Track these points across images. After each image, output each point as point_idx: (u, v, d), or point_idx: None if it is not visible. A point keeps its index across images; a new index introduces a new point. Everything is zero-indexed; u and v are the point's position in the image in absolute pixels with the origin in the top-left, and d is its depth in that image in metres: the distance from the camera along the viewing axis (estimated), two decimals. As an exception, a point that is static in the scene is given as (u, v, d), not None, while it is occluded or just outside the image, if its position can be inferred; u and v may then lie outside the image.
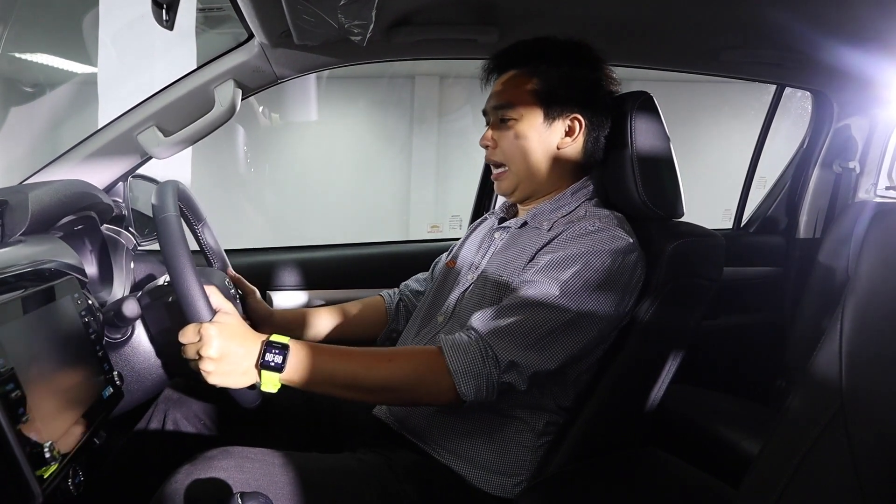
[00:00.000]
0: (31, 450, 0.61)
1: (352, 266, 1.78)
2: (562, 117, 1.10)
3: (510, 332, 0.92)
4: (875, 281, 0.69)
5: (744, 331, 2.04)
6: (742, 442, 1.42)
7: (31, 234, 0.92)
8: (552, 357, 0.94)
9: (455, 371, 0.89)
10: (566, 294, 0.94)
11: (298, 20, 1.09)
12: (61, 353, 0.76)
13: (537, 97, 1.08)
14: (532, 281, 0.97)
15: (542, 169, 1.11)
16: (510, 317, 0.93)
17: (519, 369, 0.91)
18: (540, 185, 1.13)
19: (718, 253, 1.13)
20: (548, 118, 1.09)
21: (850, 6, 1.25)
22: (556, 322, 0.93)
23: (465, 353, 0.91)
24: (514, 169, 1.12)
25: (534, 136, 1.09)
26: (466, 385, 0.89)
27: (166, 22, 0.91)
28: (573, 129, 1.10)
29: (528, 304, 0.94)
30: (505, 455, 1.02)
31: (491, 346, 0.91)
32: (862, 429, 0.65)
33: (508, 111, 1.10)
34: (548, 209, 1.12)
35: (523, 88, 1.09)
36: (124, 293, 1.27)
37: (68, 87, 4.48)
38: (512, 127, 1.10)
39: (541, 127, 1.09)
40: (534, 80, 1.09)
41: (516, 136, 1.10)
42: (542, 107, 1.08)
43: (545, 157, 1.11)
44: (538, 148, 1.10)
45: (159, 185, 0.96)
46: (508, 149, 1.11)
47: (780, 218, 2.15)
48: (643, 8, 1.30)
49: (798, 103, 2.57)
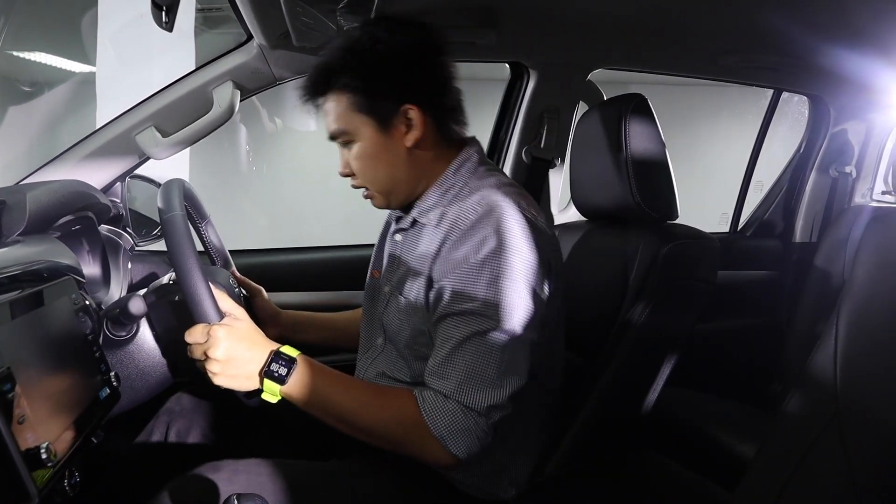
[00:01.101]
0: (28, 451, 0.61)
1: (349, 267, 1.77)
2: (394, 116, 0.98)
3: (470, 380, 0.89)
4: (871, 285, 0.69)
5: (740, 334, 2.04)
6: (737, 445, 1.42)
7: (28, 234, 0.92)
8: (519, 376, 0.91)
9: (441, 436, 0.88)
10: (492, 312, 0.89)
11: (297, 22, 1.10)
12: (58, 353, 0.76)
13: (361, 110, 0.97)
14: (453, 313, 0.92)
15: (404, 174, 1.02)
16: (459, 363, 0.90)
17: (498, 406, 0.89)
18: (409, 188, 1.03)
19: (713, 255, 1.13)
20: (382, 125, 0.98)
21: (847, 12, 1.25)
22: (500, 344, 0.89)
23: (444, 414, 0.89)
24: (376, 187, 1.03)
25: (378, 150, 0.99)
26: (457, 446, 0.88)
27: (166, 24, 0.92)
28: (412, 121, 0.98)
29: (465, 342, 0.90)
30: (495, 461, 1.01)
31: (464, 403, 0.89)
32: (857, 432, 0.65)
33: (343, 136, 1.00)
34: (434, 199, 1.02)
35: (343, 107, 0.98)
36: (122, 293, 1.27)
37: (66, 87, 4.47)
38: (354, 148, 1.00)
39: (380, 137, 0.98)
40: (349, 95, 0.97)
41: (362, 157, 1.00)
42: (371, 117, 0.97)
43: (401, 161, 1.00)
44: (387, 158, 1.00)
45: (164, 183, 0.96)
46: (360, 171, 1.02)
47: (776, 222, 2.16)
48: (642, 12, 1.31)
49: (795, 108, 2.57)
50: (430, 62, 0.99)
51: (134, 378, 0.96)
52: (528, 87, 1.63)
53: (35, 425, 0.64)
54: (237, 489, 0.86)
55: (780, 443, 0.73)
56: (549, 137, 1.67)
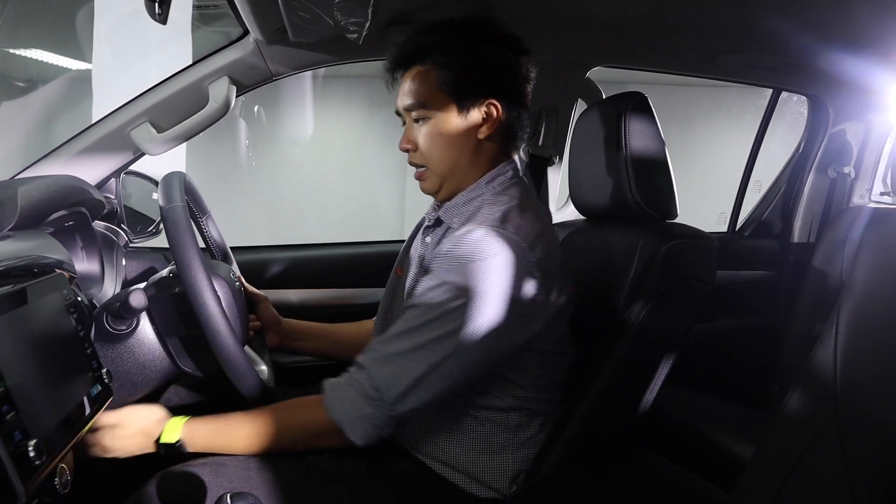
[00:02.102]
0: (16, 449, 0.60)
1: (347, 265, 1.77)
2: (476, 106, 1.01)
3: (391, 363, 0.91)
4: (871, 286, 0.69)
5: (737, 334, 2.04)
6: (734, 446, 1.42)
7: (19, 229, 0.91)
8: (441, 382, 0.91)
9: (338, 421, 0.90)
10: (443, 316, 0.89)
11: (294, 17, 1.09)
12: (48, 350, 0.75)
13: (447, 89, 1.00)
14: (413, 305, 0.94)
15: (464, 163, 1.04)
16: (394, 344, 0.92)
17: (409, 400, 0.90)
18: (464, 179, 1.05)
19: (712, 255, 1.12)
20: (462, 110, 1.01)
21: (847, 13, 1.25)
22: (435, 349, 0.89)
23: (345, 398, 0.91)
24: (436, 168, 1.04)
25: (451, 132, 1.01)
26: (353, 431, 0.91)
27: (159, 16, 0.91)
28: (490, 116, 1.02)
29: (409, 332, 0.91)
30: (484, 457, 1.01)
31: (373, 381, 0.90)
32: (856, 432, 0.65)
33: (420, 110, 1.02)
34: (461, 202, 1.04)
35: (431, 83, 1.01)
36: (116, 290, 1.26)
37: (61, 83, 4.46)
38: (427, 126, 1.02)
39: (456, 120, 1.01)
40: (440, 72, 1.00)
41: (433, 135, 1.02)
42: (454, 99, 1.00)
43: (466, 150, 1.03)
44: (457, 143, 1.02)
45: (165, 176, 0.96)
46: (427, 148, 1.03)
47: (774, 222, 2.16)
48: (641, 9, 1.30)
49: (794, 108, 2.57)
50: (521, 71, 1.04)
51: (134, 372, 0.96)
52: (527, 85, 1.62)
53: (24, 422, 0.63)
54: (224, 483, 0.85)
55: (779, 442, 0.72)
56: (548, 135, 1.66)
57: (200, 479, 0.85)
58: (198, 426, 0.93)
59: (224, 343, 0.88)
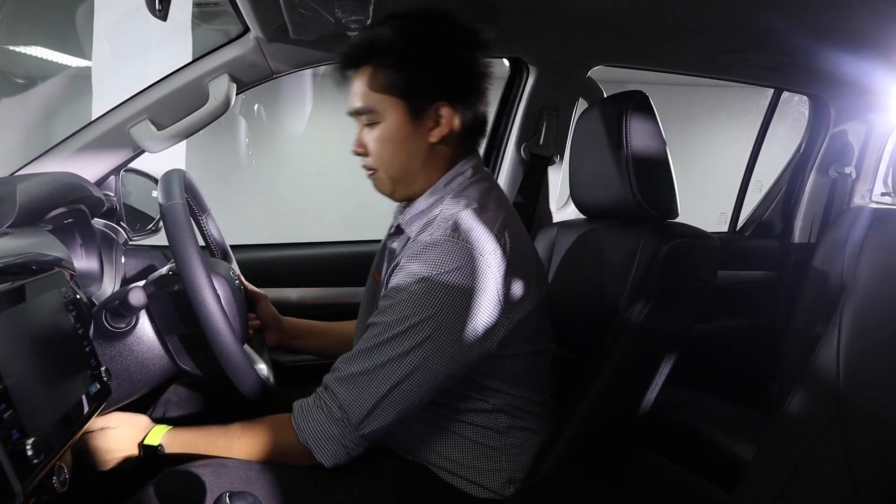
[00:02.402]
0: (13, 448, 0.60)
1: (347, 263, 1.76)
2: (428, 109, 0.96)
3: (355, 383, 0.89)
4: (873, 286, 0.69)
5: (737, 334, 2.04)
6: (734, 446, 1.41)
7: (18, 226, 0.90)
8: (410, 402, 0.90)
9: (305, 442, 0.90)
10: (402, 334, 0.88)
11: (295, 14, 1.08)
12: (47, 347, 0.75)
13: (396, 92, 0.95)
14: (374, 322, 0.92)
15: (415, 168, 1.00)
16: (357, 364, 0.90)
17: (375, 420, 0.89)
18: (417, 184, 1.02)
19: (713, 255, 1.12)
20: (413, 113, 0.96)
21: (849, 13, 1.25)
22: (404, 368, 0.88)
23: (313, 419, 0.90)
24: (388, 172, 1.01)
25: (401, 136, 0.97)
26: (322, 453, 0.90)
27: (159, 12, 0.90)
28: (442, 119, 0.97)
29: (371, 350, 0.90)
30: (476, 459, 1.00)
31: (339, 402, 0.89)
32: (858, 433, 0.64)
33: (370, 115, 0.97)
34: (420, 208, 1.01)
35: (379, 85, 0.96)
36: (115, 288, 1.25)
37: (60, 80, 4.45)
38: (376, 129, 0.98)
39: (407, 124, 0.97)
40: (390, 74, 0.95)
41: (382, 139, 0.98)
42: (404, 102, 0.96)
43: (417, 155, 0.99)
44: (408, 148, 0.98)
45: (165, 173, 0.96)
46: (377, 153, 0.99)
47: (775, 222, 2.15)
48: (643, 9, 1.30)
49: (795, 108, 2.57)
50: (476, 70, 0.99)
51: (133, 370, 0.96)
52: (528, 84, 1.62)
53: (22, 420, 0.63)
54: (224, 484, 0.85)
55: (781, 442, 0.72)
56: (549, 134, 1.66)
57: (201, 480, 0.85)
58: (178, 435, 0.94)
59: (223, 341, 0.88)
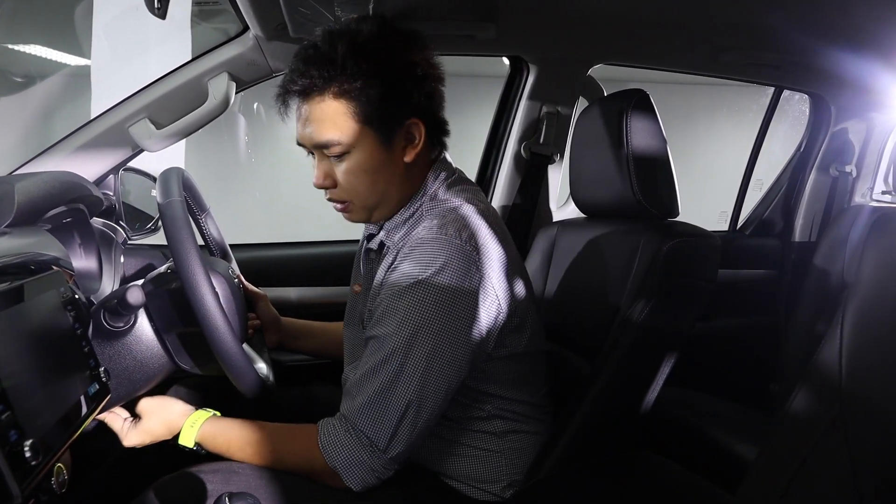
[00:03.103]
0: (11, 449, 0.59)
1: (346, 262, 1.76)
2: (398, 128, 0.91)
3: (370, 411, 0.87)
4: (876, 285, 0.68)
5: (738, 333, 2.04)
6: (735, 445, 1.41)
7: (17, 225, 0.90)
8: (426, 412, 0.88)
9: (335, 467, 0.88)
10: (406, 344, 0.86)
11: (294, 13, 1.08)
12: (45, 348, 0.74)
13: (363, 120, 0.88)
14: (372, 336, 0.90)
15: (396, 189, 0.95)
16: (366, 389, 0.88)
17: (399, 441, 0.88)
18: (397, 205, 0.97)
19: (714, 254, 1.12)
20: (384, 138, 0.90)
21: (850, 12, 1.25)
22: (409, 382, 0.86)
23: (342, 445, 0.88)
24: (364, 203, 0.95)
25: (377, 163, 0.91)
26: (351, 478, 0.88)
27: (158, 10, 0.90)
28: (414, 136, 0.93)
29: (377, 371, 0.88)
30: (491, 461, 1.00)
31: (362, 430, 0.87)
32: (861, 433, 0.64)
33: (336, 147, 0.89)
34: (400, 219, 0.97)
35: (346, 116, 0.88)
36: (113, 287, 1.25)
37: (59, 79, 4.44)
38: (347, 161, 0.91)
39: (381, 150, 0.91)
40: (349, 103, 0.88)
41: (357, 170, 0.91)
42: (375, 130, 0.89)
43: (395, 177, 0.94)
44: (384, 174, 0.92)
45: (163, 171, 0.95)
46: (351, 185, 0.92)
47: (776, 221, 2.15)
48: (643, 7, 1.29)
49: (796, 106, 2.57)
50: (432, 72, 0.94)
51: (132, 370, 0.95)
52: (528, 83, 1.62)
53: (20, 421, 0.62)
54: (228, 488, 0.84)
55: (784, 442, 0.72)
56: (549, 133, 1.65)
57: (202, 482, 0.84)
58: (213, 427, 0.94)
59: (222, 340, 0.88)
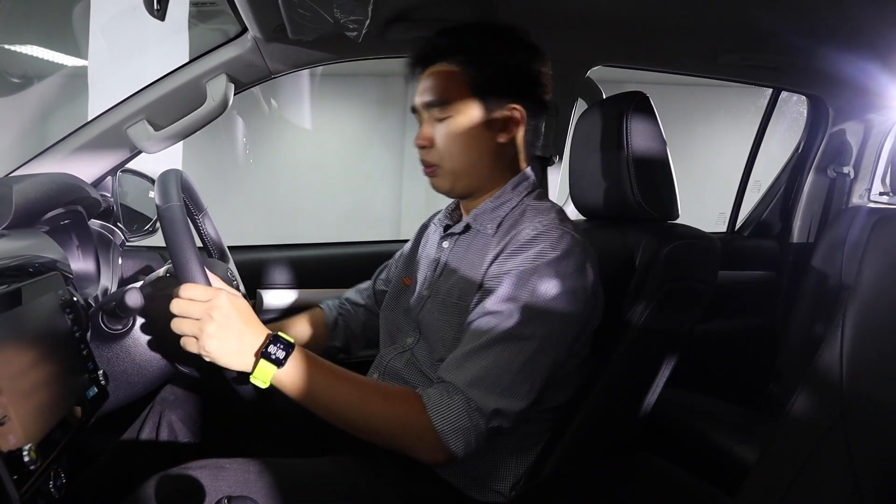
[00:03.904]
0: (10, 453, 0.59)
1: (343, 265, 1.76)
2: (500, 109, 1.01)
3: (484, 379, 0.88)
4: (878, 288, 0.68)
5: (736, 335, 2.04)
6: (734, 447, 1.41)
7: (14, 228, 0.90)
8: (532, 389, 0.90)
9: (442, 430, 0.86)
10: (527, 321, 0.89)
11: (293, 14, 1.08)
12: (43, 351, 0.74)
13: (473, 90, 1.00)
14: (490, 312, 0.92)
15: (481, 166, 1.04)
16: (478, 360, 0.89)
17: (503, 413, 0.88)
18: (479, 182, 1.05)
19: (714, 256, 1.12)
20: (486, 112, 1.01)
21: (847, 13, 1.25)
22: (526, 354, 0.89)
23: (448, 409, 0.87)
24: (451, 167, 1.03)
25: (472, 133, 1.01)
26: (456, 443, 0.86)
27: (157, 11, 0.89)
28: (512, 121, 1.03)
29: (492, 343, 0.89)
30: (492, 462, 1.00)
31: (472, 399, 0.87)
32: (862, 436, 0.64)
33: (443, 108, 1.01)
34: (489, 208, 1.05)
35: (457, 82, 1.00)
36: (111, 289, 1.25)
37: (57, 80, 4.44)
38: (447, 124, 1.01)
39: (479, 122, 1.01)
40: (468, 72, 1.00)
41: (453, 134, 1.01)
42: (480, 100, 1.00)
43: (484, 153, 1.03)
44: (477, 144, 1.02)
45: (162, 173, 0.95)
46: (445, 147, 1.02)
47: (774, 222, 2.16)
48: (642, 9, 1.29)
49: (794, 107, 2.57)
50: (544, 83, 1.06)
51: (130, 372, 0.95)
52: (527, 84, 1.62)
53: (17, 426, 0.62)
54: (222, 487, 0.84)
55: (785, 444, 0.72)
56: (548, 135, 1.65)
57: (199, 482, 0.84)
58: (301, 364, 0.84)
59: None
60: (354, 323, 1.31)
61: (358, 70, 6.43)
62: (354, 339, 1.31)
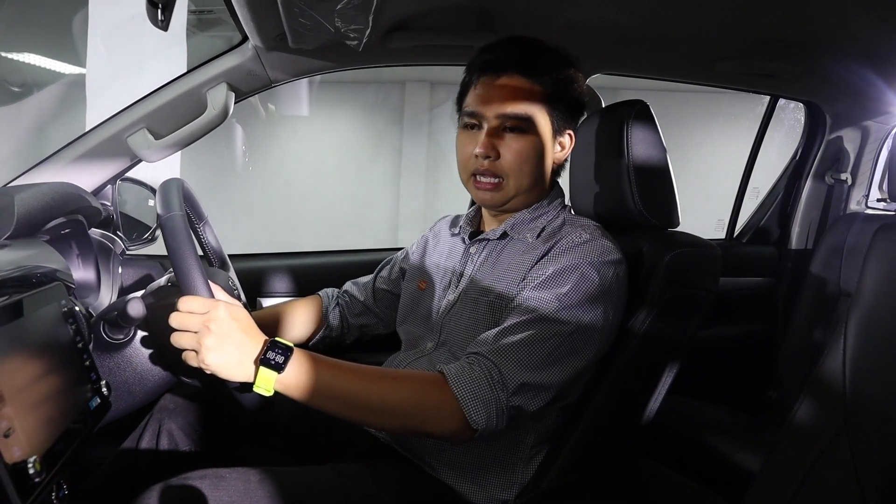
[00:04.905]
0: (14, 465, 0.59)
1: (342, 273, 1.76)
2: (560, 132, 1.07)
3: (515, 353, 0.88)
4: (880, 295, 0.69)
5: (735, 341, 2.04)
6: (735, 454, 1.41)
7: (16, 238, 0.89)
8: (559, 374, 0.91)
9: (463, 398, 0.84)
10: (566, 308, 0.91)
11: (294, 23, 1.08)
12: (46, 362, 0.73)
13: (548, 110, 1.02)
14: (531, 297, 0.93)
15: (539, 183, 1.07)
16: (513, 336, 0.89)
17: (527, 391, 0.88)
18: (531, 198, 1.08)
19: (715, 263, 1.12)
20: (555, 134, 1.06)
21: (845, 21, 1.26)
22: (559, 338, 0.90)
23: (470, 378, 0.86)
24: (518, 183, 1.03)
25: (543, 152, 1.04)
26: (477, 412, 0.84)
27: (161, 22, 0.89)
28: (565, 143, 1.09)
29: (530, 322, 0.90)
30: (499, 467, 1.00)
31: (498, 369, 0.87)
32: (866, 443, 0.64)
33: (523, 123, 1.00)
34: (528, 218, 1.07)
35: (541, 101, 1.01)
36: (112, 298, 1.24)
37: (56, 88, 4.44)
38: (522, 139, 1.01)
39: (549, 143, 1.05)
40: (544, 90, 1.01)
41: (527, 151, 1.01)
42: (552, 119, 1.04)
43: (546, 171, 1.08)
44: (543, 164, 1.06)
45: (163, 183, 0.94)
46: (517, 162, 1.01)
47: (772, 229, 2.16)
48: (640, 17, 1.30)
49: (791, 115, 2.59)
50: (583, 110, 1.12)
51: (131, 382, 0.94)
52: (526, 92, 1.62)
53: (21, 437, 0.61)
54: (223, 497, 0.84)
55: (789, 453, 0.72)
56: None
57: (199, 492, 0.84)
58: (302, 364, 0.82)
59: None
60: (351, 314, 1.32)
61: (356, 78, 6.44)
62: (349, 330, 1.32)
